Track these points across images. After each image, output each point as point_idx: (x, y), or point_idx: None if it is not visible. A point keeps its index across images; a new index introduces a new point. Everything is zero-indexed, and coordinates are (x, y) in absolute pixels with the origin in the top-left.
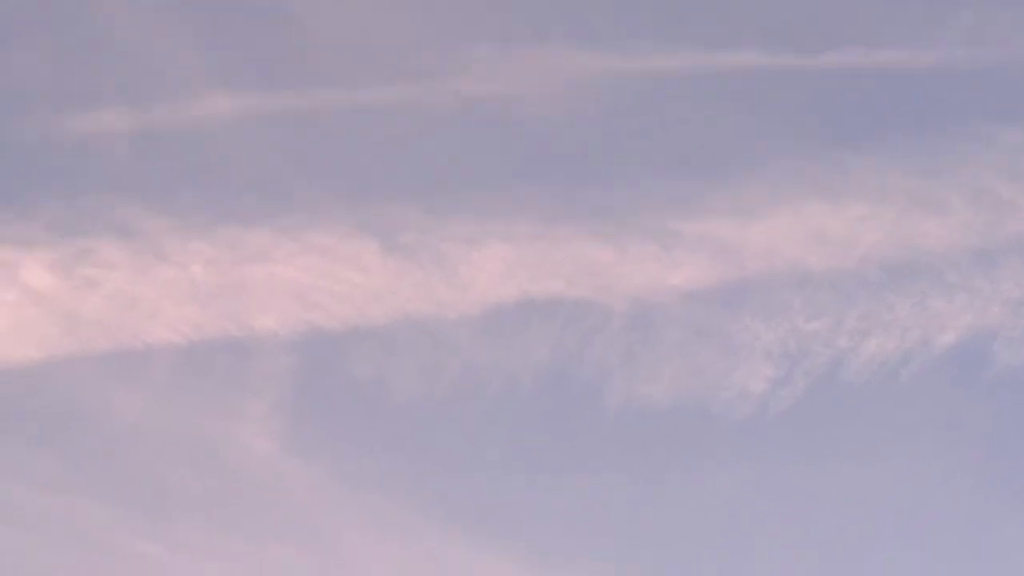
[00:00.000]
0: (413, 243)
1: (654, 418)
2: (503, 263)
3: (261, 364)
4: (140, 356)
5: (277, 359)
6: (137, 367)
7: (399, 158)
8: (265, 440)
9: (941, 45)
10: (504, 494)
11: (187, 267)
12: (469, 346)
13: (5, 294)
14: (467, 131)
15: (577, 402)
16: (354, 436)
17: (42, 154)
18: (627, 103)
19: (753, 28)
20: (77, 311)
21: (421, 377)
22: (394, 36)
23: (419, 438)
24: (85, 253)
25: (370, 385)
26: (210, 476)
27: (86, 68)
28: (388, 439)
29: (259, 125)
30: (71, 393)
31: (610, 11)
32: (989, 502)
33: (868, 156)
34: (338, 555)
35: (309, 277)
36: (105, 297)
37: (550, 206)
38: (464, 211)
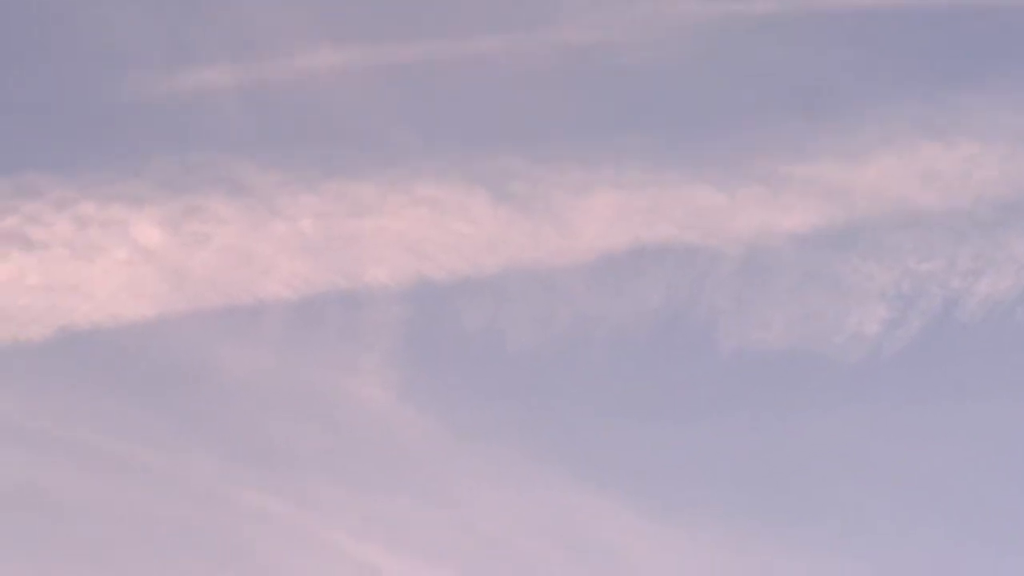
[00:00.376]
0: (522, 192)
1: (767, 363)
2: (613, 210)
3: (373, 316)
4: (251, 311)
5: (389, 311)
6: (248, 322)
7: (507, 108)
8: (378, 392)
9: None
10: (617, 441)
11: (297, 221)
12: (580, 294)
13: (116, 252)
14: (574, 79)
15: (689, 348)
16: (467, 386)
17: (150, 111)
18: (734, 46)
19: None
20: (188, 267)
21: (533, 326)
22: None
23: (532, 387)
24: (195, 209)
25: (482, 335)
26: (324, 429)
27: (194, 24)
28: (501, 389)
29: (367, 78)
30: (183, 350)
31: None
32: None
33: (979, 94)
34: (454, 505)
35: (419, 229)
36: (215, 253)
37: (659, 152)
38: (573, 159)
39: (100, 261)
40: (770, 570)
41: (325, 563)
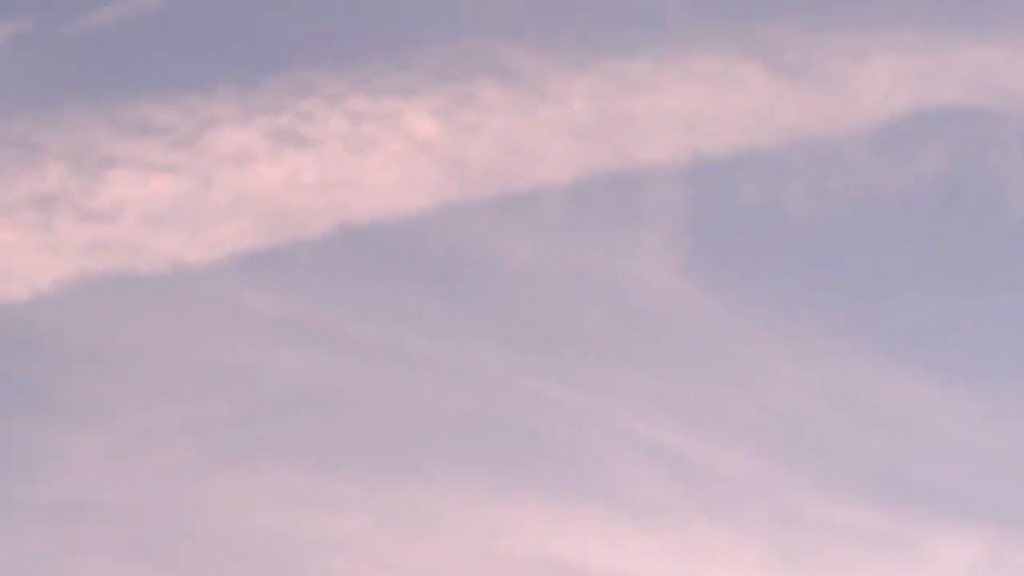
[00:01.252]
0: (798, 62)
1: None
2: (892, 75)
3: (650, 196)
4: (528, 198)
5: (666, 190)
6: (526, 209)
7: None
8: (660, 272)
9: None
10: (905, 311)
11: (569, 104)
12: (861, 163)
13: (390, 144)
14: None
15: (976, 213)
16: (749, 262)
17: (420, 2)
18: None
19: None
20: (462, 157)
21: (813, 198)
22: None
23: (814, 259)
24: (466, 97)
25: (762, 209)
26: (607, 313)
27: None
28: (783, 262)
29: None
30: (462, 239)
31: None
32: None
33: None
34: (743, 382)
35: (693, 104)
36: (489, 140)
37: (937, 11)
38: (848, 24)
39: (375, 155)
40: None
41: (616, 447)
